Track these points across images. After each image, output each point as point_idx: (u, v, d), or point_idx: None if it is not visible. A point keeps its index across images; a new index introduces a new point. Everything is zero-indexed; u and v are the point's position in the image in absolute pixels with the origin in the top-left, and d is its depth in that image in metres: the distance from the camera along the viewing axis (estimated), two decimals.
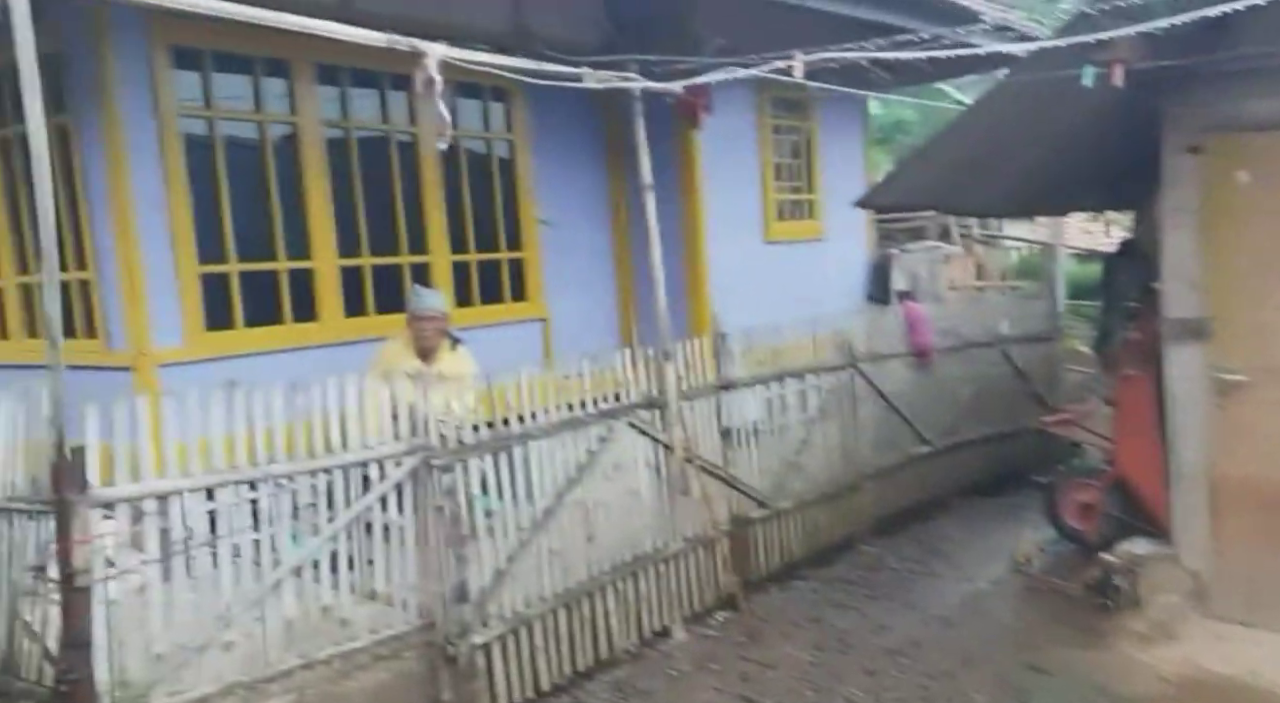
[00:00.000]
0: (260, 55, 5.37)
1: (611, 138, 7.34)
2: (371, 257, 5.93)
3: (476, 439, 4.15)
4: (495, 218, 6.75)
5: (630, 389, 4.88)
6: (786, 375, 5.91)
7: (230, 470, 3.41)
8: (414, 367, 5.25)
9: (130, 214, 4.91)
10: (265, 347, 5.36)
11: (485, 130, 6.70)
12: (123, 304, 4.95)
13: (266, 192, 5.48)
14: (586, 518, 4.58)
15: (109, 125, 4.86)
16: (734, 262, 7.40)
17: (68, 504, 2.99)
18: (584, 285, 7.30)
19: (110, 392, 5.05)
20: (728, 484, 5.42)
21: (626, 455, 4.82)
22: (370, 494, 3.78)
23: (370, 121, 6.02)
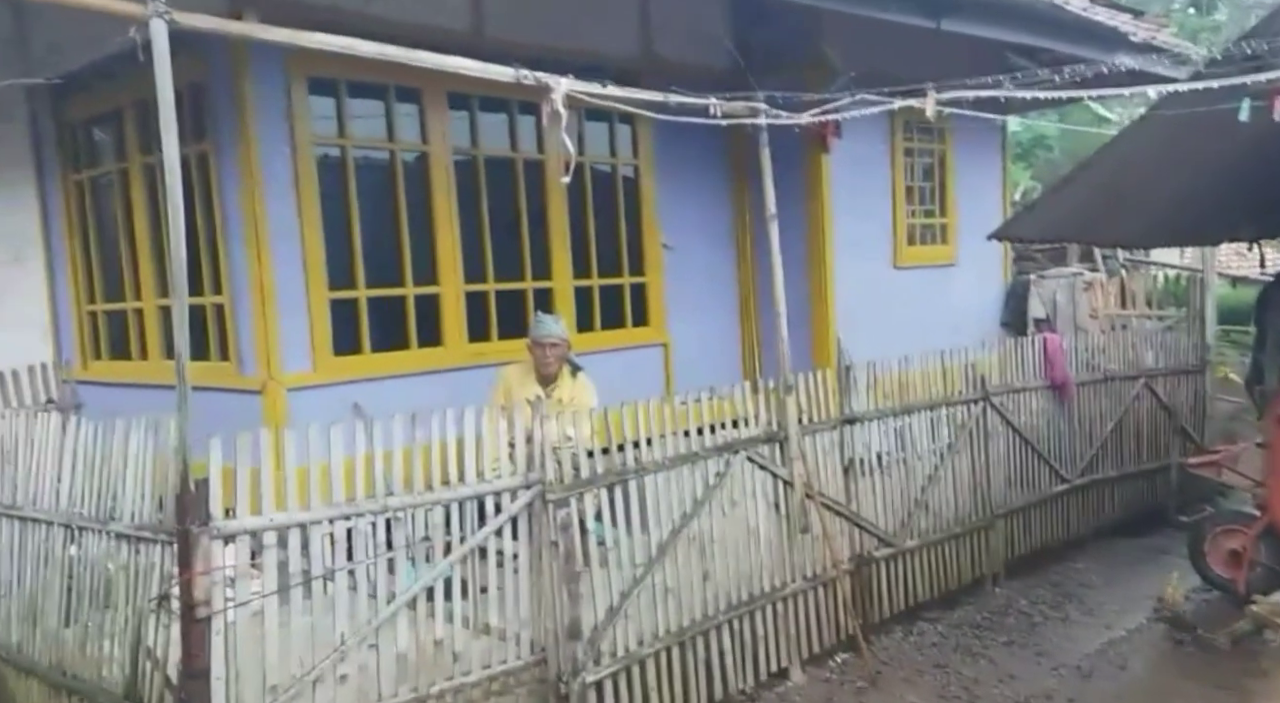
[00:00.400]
0: (393, 84, 5.52)
1: (736, 161, 7.25)
2: (496, 282, 6.00)
3: (592, 473, 4.09)
4: (618, 242, 6.74)
5: (750, 423, 4.74)
6: (914, 408, 5.65)
7: (349, 504, 3.46)
8: (534, 392, 5.28)
9: (264, 240, 5.10)
10: (390, 371, 5.48)
11: (611, 154, 6.70)
12: (254, 329, 5.15)
13: (395, 217, 5.62)
14: (702, 555, 4.46)
15: (246, 153, 5.08)
16: (861, 288, 7.16)
17: (190, 536, 3.08)
18: (705, 311, 7.21)
19: (240, 414, 5.28)
20: (850, 521, 5.21)
21: (745, 491, 4.68)
22: (486, 528, 3.77)
23: (498, 147, 6.11)
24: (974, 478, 5.99)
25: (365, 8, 5.14)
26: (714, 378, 7.23)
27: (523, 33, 5.84)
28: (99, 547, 3.61)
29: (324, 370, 5.27)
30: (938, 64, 6.64)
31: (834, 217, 7.03)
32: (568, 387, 5.34)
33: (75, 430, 3.86)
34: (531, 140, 6.24)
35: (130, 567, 3.45)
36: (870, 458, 5.34)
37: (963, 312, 8.03)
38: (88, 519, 3.68)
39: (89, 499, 3.71)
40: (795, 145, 6.04)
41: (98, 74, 5.72)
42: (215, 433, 5.35)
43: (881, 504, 5.39)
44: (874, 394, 5.41)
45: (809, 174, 6.93)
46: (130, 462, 3.53)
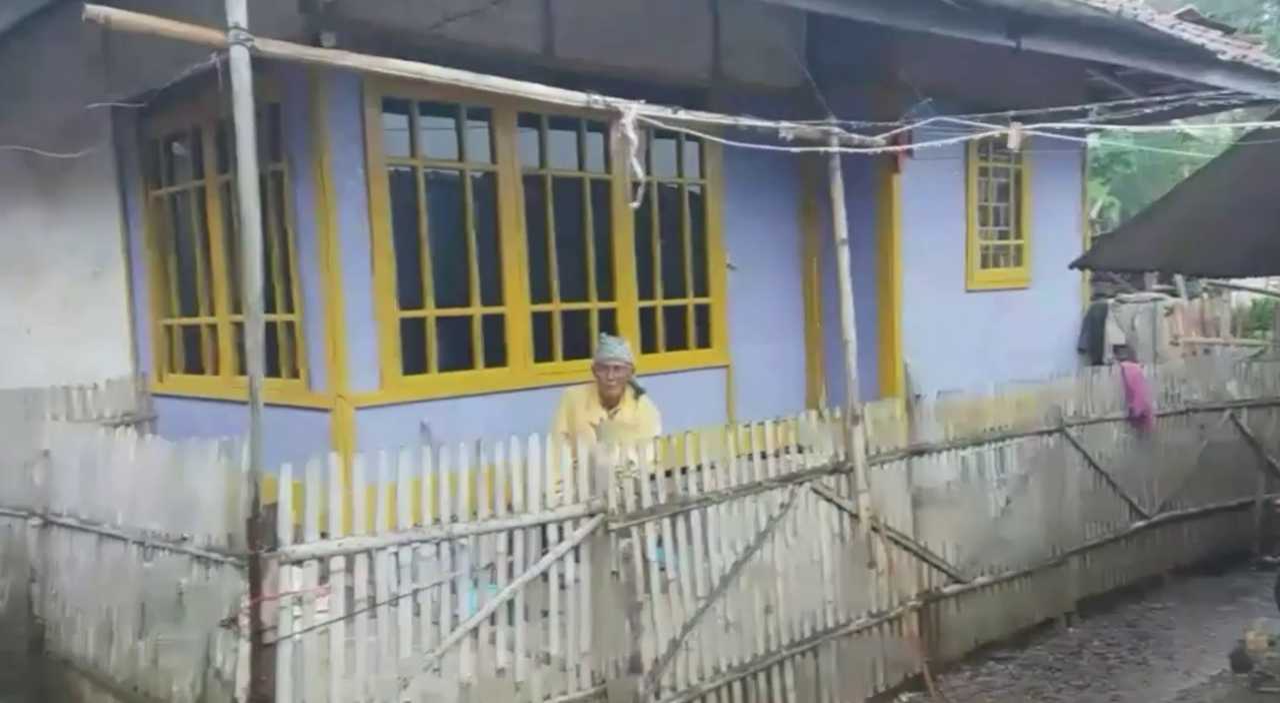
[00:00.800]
0: (464, 103, 5.56)
1: (805, 179, 7.13)
2: (561, 302, 6.00)
3: (654, 503, 4.04)
4: (683, 262, 6.70)
5: (815, 452, 4.64)
6: (986, 439, 5.48)
7: (414, 530, 3.46)
8: (597, 415, 5.26)
9: (336, 259, 5.17)
10: (456, 391, 5.51)
11: (678, 173, 6.67)
12: (324, 347, 5.21)
13: (464, 237, 5.65)
14: (765, 588, 4.38)
15: (320, 173, 5.15)
16: (931, 312, 7.00)
17: (259, 561, 3.11)
18: (769, 333, 7.13)
19: (308, 432, 5.36)
20: (918, 556, 5.07)
21: (809, 523, 4.59)
22: (548, 556, 3.74)
23: (565, 166, 6.12)
24: (1048, 512, 5.80)
25: (439, 30, 5.19)
26: (776, 401, 7.19)
27: (592, 52, 5.85)
28: (171, 566, 3.67)
29: (391, 389, 5.32)
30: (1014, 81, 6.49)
31: (904, 237, 6.89)
32: (630, 410, 5.31)
33: (151, 449, 3.93)
34: (599, 159, 6.23)
35: (201, 587, 3.49)
36: (940, 490, 5.19)
37: (1037, 337, 7.79)
38: (161, 538, 3.74)
39: (163, 518, 3.78)
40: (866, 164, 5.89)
41: (178, 93, 5.82)
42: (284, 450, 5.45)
43: (951, 539, 5.24)
44: (944, 424, 5.27)
45: (879, 193, 6.80)
46: (204, 484, 3.58)
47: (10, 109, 7.76)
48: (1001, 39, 5.78)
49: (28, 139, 7.53)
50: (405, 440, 5.29)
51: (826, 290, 7.28)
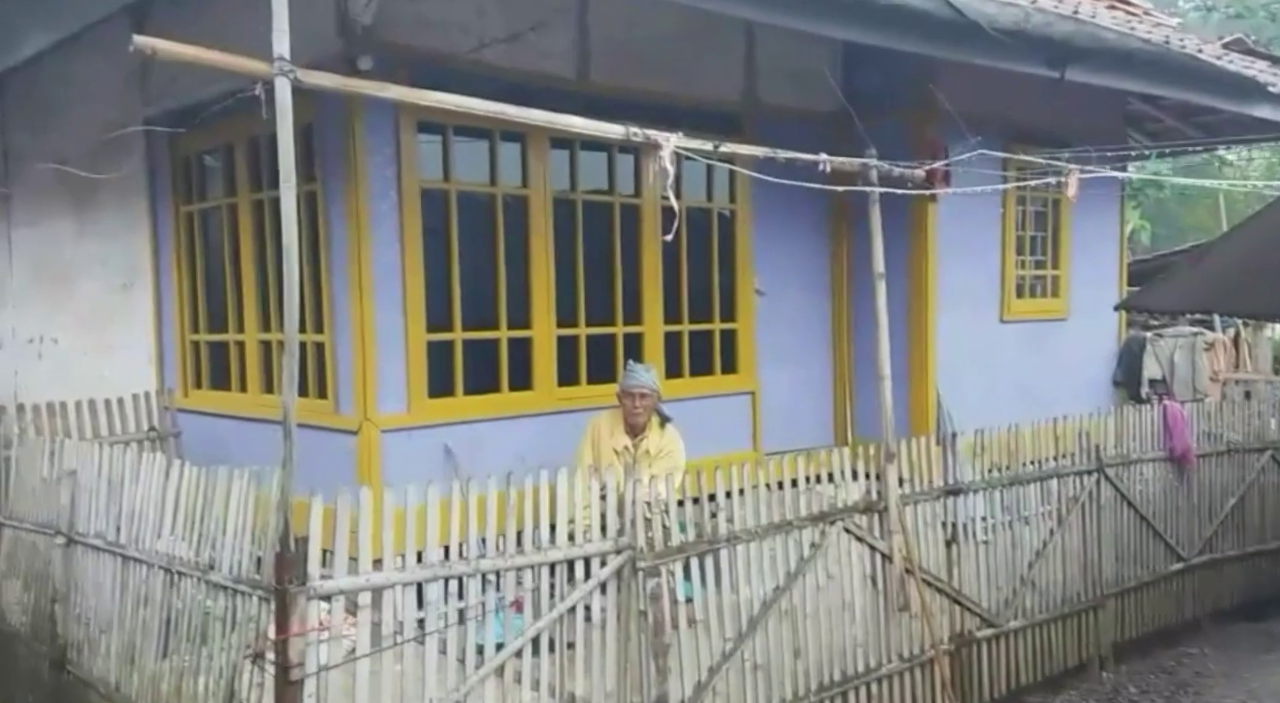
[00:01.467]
0: (499, 128, 5.51)
1: (837, 206, 7.05)
2: (587, 326, 5.94)
3: (683, 541, 3.95)
4: (711, 287, 6.62)
5: (846, 489, 4.54)
6: (1023, 479, 5.36)
7: (442, 566, 3.40)
8: (622, 443, 5.19)
9: (367, 281, 5.13)
10: (481, 415, 5.45)
11: (708, 197, 6.60)
12: (353, 368, 5.17)
13: (493, 259, 5.61)
14: (794, 630, 4.27)
15: (354, 195, 5.12)
16: (964, 342, 6.87)
17: (287, 596, 3.05)
18: (796, 360, 7.03)
19: (334, 454, 5.31)
20: (951, 599, 4.94)
21: (840, 563, 4.48)
22: (574, 594, 3.67)
23: (596, 189, 6.07)
24: (1084, 554, 5.66)
25: (477, 55, 5.16)
26: (803, 430, 7.11)
27: (627, 78, 5.80)
28: (197, 594, 3.62)
29: (418, 412, 5.27)
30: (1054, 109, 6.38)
31: (938, 266, 6.77)
32: (656, 438, 5.23)
33: (179, 474, 3.90)
34: (629, 183, 6.18)
35: (226, 618, 3.44)
36: (974, 531, 5.07)
37: (1073, 370, 7.64)
38: (187, 566, 3.70)
39: (190, 545, 3.73)
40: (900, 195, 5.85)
41: (212, 110, 5.87)
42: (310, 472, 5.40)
43: (985, 581, 5.11)
44: (980, 463, 5.15)
45: (913, 221, 6.69)
46: (231, 512, 3.54)
47: (46, 123, 7.84)
48: (1044, 70, 5.68)
49: (62, 152, 7.61)
50: (430, 465, 5.30)
51: (857, 317, 7.19)
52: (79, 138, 7.29)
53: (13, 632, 4.93)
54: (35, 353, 8.47)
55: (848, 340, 7.24)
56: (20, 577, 4.96)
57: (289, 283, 3.21)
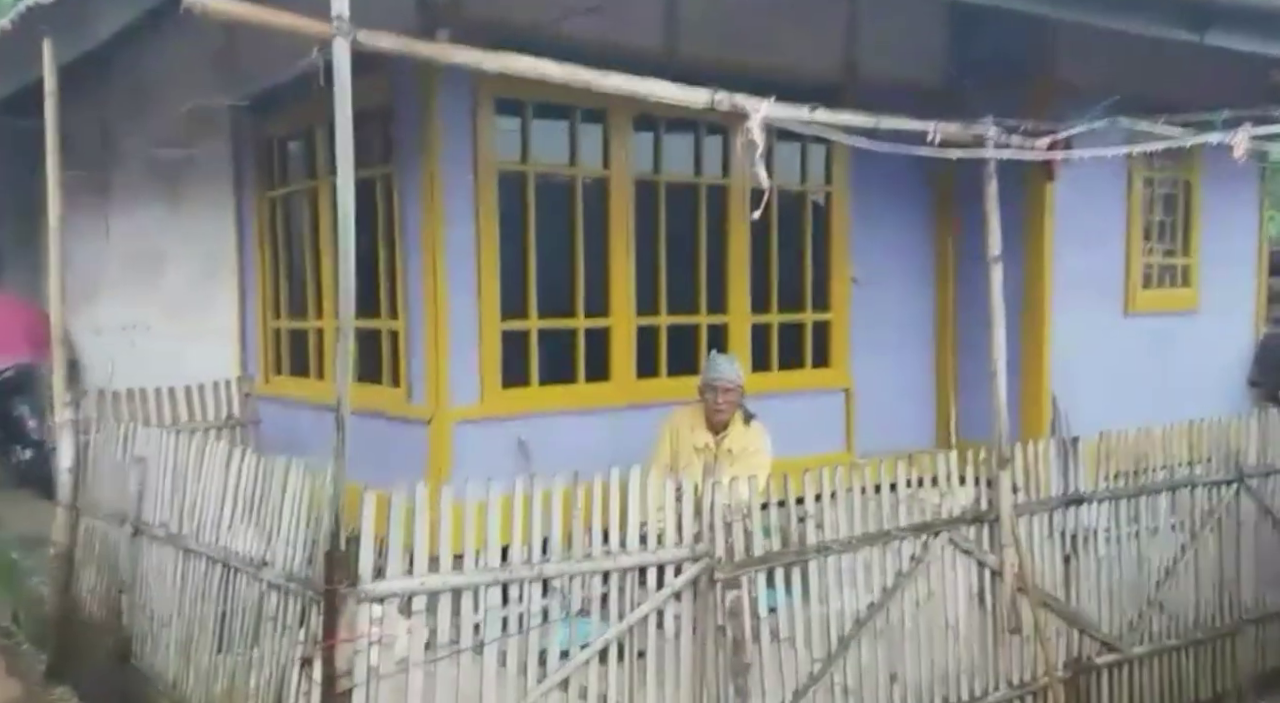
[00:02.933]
0: (579, 106, 5.25)
1: (941, 188, 6.59)
2: (668, 315, 5.62)
3: (767, 550, 3.60)
4: (803, 274, 6.22)
5: (953, 500, 4.10)
6: (1151, 489, 4.79)
7: (503, 569, 3.13)
8: (703, 440, 4.85)
9: (442, 266, 4.92)
10: (556, 407, 5.20)
11: (802, 179, 6.20)
12: (426, 357, 4.97)
13: (571, 245, 5.34)
14: (891, 652, 3.86)
15: (429, 178, 4.91)
16: (1082, 337, 6.28)
17: (336, 598, 2.83)
18: (894, 354, 6.58)
19: (406, 445, 5.13)
20: (1068, 620, 4.44)
21: (944, 579, 4.05)
22: (645, 606, 3.35)
23: (681, 172, 5.73)
24: (1220, 574, 5.05)
25: (558, 26, 4.87)
26: (901, 429, 6.63)
27: (717, 49, 5.44)
28: (251, 592, 3.44)
29: (491, 404, 5.04)
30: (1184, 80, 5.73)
31: (1055, 253, 6.21)
32: (739, 436, 4.88)
33: (239, 463, 3.73)
34: (717, 164, 5.83)
35: (278, 618, 3.25)
36: (1095, 545, 4.55)
37: (1203, 368, 6.95)
38: (243, 561, 3.53)
39: (246, 539, 3.57)
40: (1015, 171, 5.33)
41: (292, 91, 5.75)
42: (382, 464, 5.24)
43: (1106, 602, 4.58)
44: (1104, 470, 4.62)
45: (1029, 204, 6.15)
46: (286, 506, 3.34)
47: (141, 109, 7.94)
48: (1182, 33, 5.07)
49: (154, 138, 7.70)
50: (502, 458, 5.06)
51: (963, 308, 6.69)
52: (169, 123, 7.34)
53: (87, 620, 4.89)
54: (129, 340, 8.63)
55: (952, 333, 6.75)
56: (94, 565, 4.93)
57: (344, 262, 2.99)
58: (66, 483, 5.22)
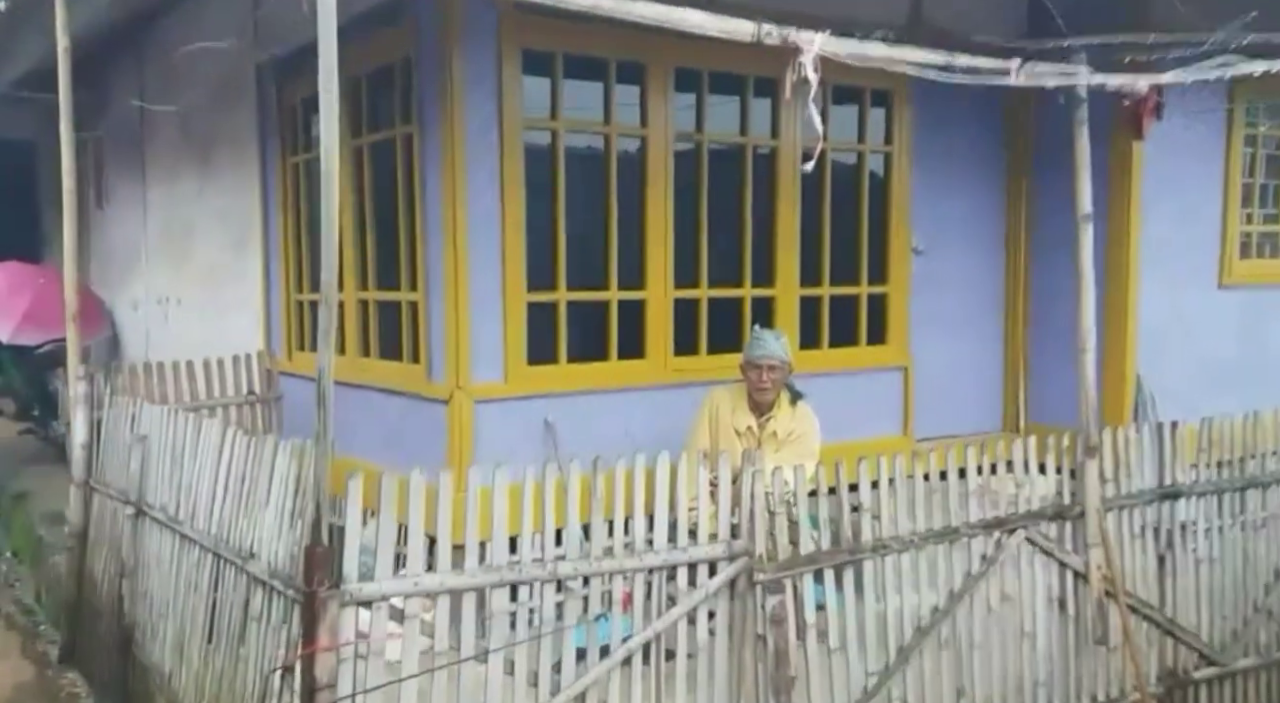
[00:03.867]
0: (614, 57, 4.80)
1: (1015, 148, 6.03)
2: (710, 288, 5.16)
3: (814, 548, 3.15)
4: (858, 244, 5.71)
5: (1031, 492, 3.60)
6: (1259, 482, 4.23)
7: (510, 569, 2.74)
8: (745, 423, 4.42)
9: (462, 232, 4.53)
10: (586, 386, 4.78)
11: (859, 138, 5.67)
12: (446, 331, 4.59)
13: (605, 210, 4.90)
14: (958, 664, 3.40)
15: (450, 136, 4.51)
16: (1172, 312, 5.67)
17: (316, 600, 2.46)
18: (959, 330, 6.04)
19: (425, 424, 4.77)
20: (1162, 629, 3.93)
21: (1020, 581, 3.56)
22: (675, 610, 2.94)
23: (726, 133, 5.26)
24: None
25: None
26: (964, 412, 6.09)
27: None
28: (238, 586, 3.11)
29: (516, 382, 4.65)
30: None
31: (1143, 219, 5.60)
32: (785, 418, 4.44)
33: (230, 443, 3.40)
34: (765, 124, 5.33)
35: (263, 617, 2.91)
36: (1194, 545, 4.01)
37: None
38: (232, 551, 3.20)
39: (235, 528, 3.23)
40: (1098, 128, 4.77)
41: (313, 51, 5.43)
42: (400, 445, 4.94)
43: (1206, 608, 4.05)
44: (1203, 459, 4.07)
45: (1113, 165, 5.54)
46: (273, 493, 2.99)
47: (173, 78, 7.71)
48: None
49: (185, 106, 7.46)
50: (527, 440, 4.68)
51: (1036, 280, 6.13)
52: (199, 90, 7.10)
53: (98, 604, 4.66)
54: (163, 314, 8.47)
55: (1023, 308, 6.19)
56: (106, 546, 4.68)
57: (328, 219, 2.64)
58: (80, 460, 5.00)
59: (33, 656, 5.09)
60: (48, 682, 4.76)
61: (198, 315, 7.68)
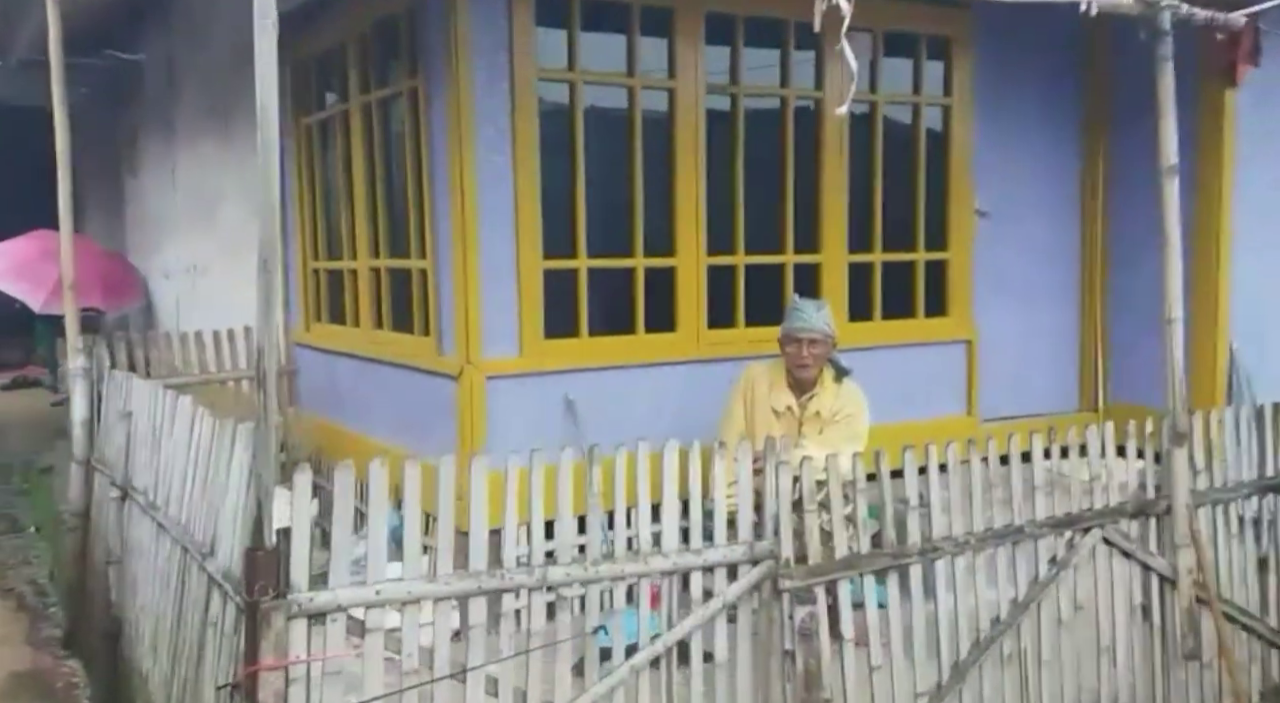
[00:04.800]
0: (638, 2, 4.35)
1: (1089, 99, 5.45)
2: (747, 254, 4.70)
3: (852, 550, 2.71)
4: (915, 205, 5.19)
5: (1109, 484, 3.10)
6: None
7: (491, 574, 2.35)
8: (784, 402, 3.98)
9: (470, 194, 4.13)
10: (611, 361, 4.38)
11: (915, 89, 5.14)
12: (455, 301, 4.22)
13: (629, 169, 4.46)
14: (1021, 684, 2.94)
15: (456, 90, 4.11)
16: (1269, 279, 5.06)
17: (259, 612, 2.11)
18: (1028, 300, 5.53)
19: (434, 401, 4.43)
20: (1265, 642, 3.41)
21: (1095, 588, 3.08)
22: (687, 622, 2.53)
23: (763, 85, 4.77)
24: None
25: None
26: (1034, 391, 5.54)
27: None
28: (199, 586, 2.79)
29: (532, 356, 4.26)
30: None
31: (1236, 179, 4.99)
32: (830, 397, 3.99)
33: (198, 425, 3.07)
34: (808, 75, 4.83)
35: (219, 624, 2.57)
36: None
37: None
38: (195, 546, 2.87)
39: (197, 521, 2.91)
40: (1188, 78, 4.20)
41: (322, 5, 5.08)
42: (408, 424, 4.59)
43: None
44: None
45: (1203, 117, 4.96)
46: (232, 481, 2.64)
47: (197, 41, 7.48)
48: None
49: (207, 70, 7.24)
50: (546, 420, 4.29)
51: (1115, 246, 5.58)
52: (220, 53, 6.84)
53: (95, 591, 4.42)
54: (190, 283, 8.29)
55: (1100, 276, 5.65)
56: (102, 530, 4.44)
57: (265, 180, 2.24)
58: (80, 437, 4.77)
59: (36, 641, 4.90)
60: (47, 670, 4.55)
61: (222, 284, 7.45)
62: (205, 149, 7.77)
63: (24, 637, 4.95)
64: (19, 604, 5.41)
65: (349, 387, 5.33)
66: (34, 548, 6.31)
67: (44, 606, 5.42)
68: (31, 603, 5.45)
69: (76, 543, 4.77)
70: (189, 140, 8.15)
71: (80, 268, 8.17)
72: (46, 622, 5.19)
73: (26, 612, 5.31)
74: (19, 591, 5.61)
